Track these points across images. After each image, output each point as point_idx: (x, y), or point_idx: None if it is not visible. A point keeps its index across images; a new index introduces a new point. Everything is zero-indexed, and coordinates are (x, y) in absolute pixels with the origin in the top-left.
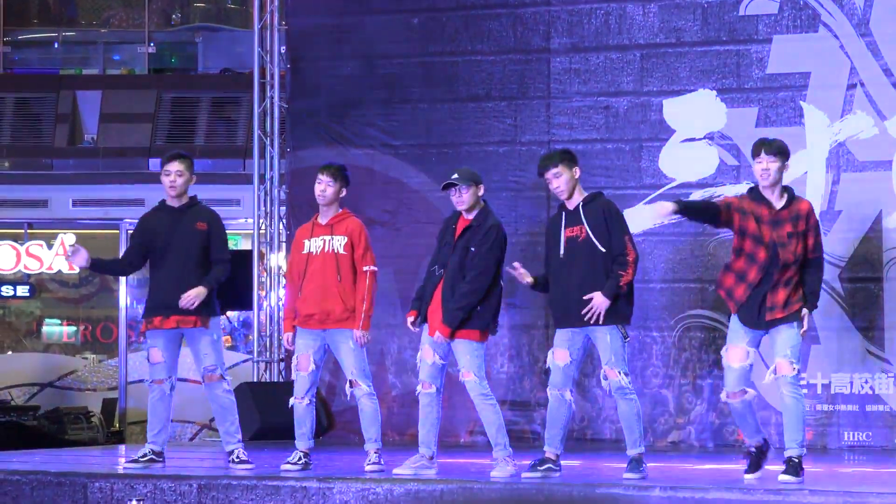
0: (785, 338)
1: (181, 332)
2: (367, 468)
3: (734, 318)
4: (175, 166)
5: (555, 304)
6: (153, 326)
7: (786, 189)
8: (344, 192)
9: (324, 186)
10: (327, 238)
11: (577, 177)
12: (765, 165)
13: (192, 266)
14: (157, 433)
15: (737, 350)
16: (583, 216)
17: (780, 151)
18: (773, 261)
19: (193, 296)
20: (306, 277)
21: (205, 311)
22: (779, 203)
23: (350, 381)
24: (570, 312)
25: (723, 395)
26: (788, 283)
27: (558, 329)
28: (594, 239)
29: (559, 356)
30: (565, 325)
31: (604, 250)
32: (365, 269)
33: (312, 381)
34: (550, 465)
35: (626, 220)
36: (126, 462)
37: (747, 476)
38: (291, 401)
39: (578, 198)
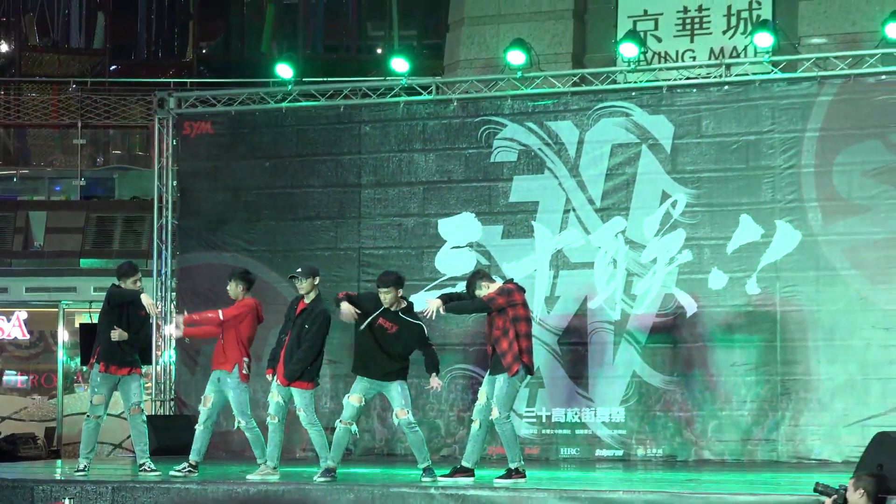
0: (496, 388)
1: (118, 379)
2: (249, 477)
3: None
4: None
5: (362, 361)
6: (110, 372)
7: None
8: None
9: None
10: None
11: (399, 295)
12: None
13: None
14: (89, 452)
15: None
16: (400, 322)
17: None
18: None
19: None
20: None
21: (138, 364)
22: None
23: (237, 421)
24: (371, 369)
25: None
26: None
27: (359, 377)
28: (400, 338)
29: (355, 399)
30: (366, 375)
31: (400, 351)
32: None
33: (209, 413)
34: (334, 474)
35: None
36: (74, 472)
37: (441, 477)
38: (196, 426)
39: (398, 305)
